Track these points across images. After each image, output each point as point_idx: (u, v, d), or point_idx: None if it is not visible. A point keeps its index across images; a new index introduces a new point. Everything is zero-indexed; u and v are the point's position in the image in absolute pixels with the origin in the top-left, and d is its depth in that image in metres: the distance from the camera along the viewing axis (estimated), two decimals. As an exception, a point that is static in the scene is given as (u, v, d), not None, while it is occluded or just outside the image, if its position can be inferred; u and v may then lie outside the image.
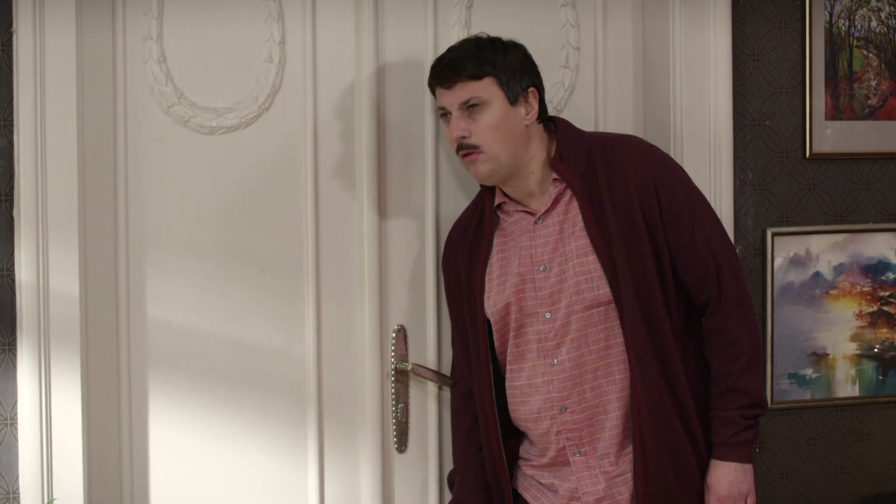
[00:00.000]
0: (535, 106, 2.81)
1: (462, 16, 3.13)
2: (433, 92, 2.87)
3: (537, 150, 2.81)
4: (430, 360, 3.13)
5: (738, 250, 3.20)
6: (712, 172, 3.20)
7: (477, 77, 2.76)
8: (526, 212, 2.84)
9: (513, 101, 2.77)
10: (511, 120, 2.77)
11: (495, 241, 2.88)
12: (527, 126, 2.80)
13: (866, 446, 3.42)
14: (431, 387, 3.13)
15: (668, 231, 2.74)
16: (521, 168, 2.79)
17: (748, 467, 2.76)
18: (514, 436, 2.93)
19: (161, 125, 2.97)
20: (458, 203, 3.08)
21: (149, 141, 2.96)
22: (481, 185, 2.93)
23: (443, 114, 2.83)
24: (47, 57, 2.81)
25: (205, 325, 3.00)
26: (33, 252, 2.80)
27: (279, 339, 3.05)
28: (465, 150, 2.77)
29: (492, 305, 2.84)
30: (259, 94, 3.01)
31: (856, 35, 3.34)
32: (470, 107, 2.76)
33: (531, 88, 2.81)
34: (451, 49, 2.85)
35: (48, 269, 2.81)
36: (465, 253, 2.92)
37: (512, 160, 2.77)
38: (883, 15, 3.36)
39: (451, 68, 2.79)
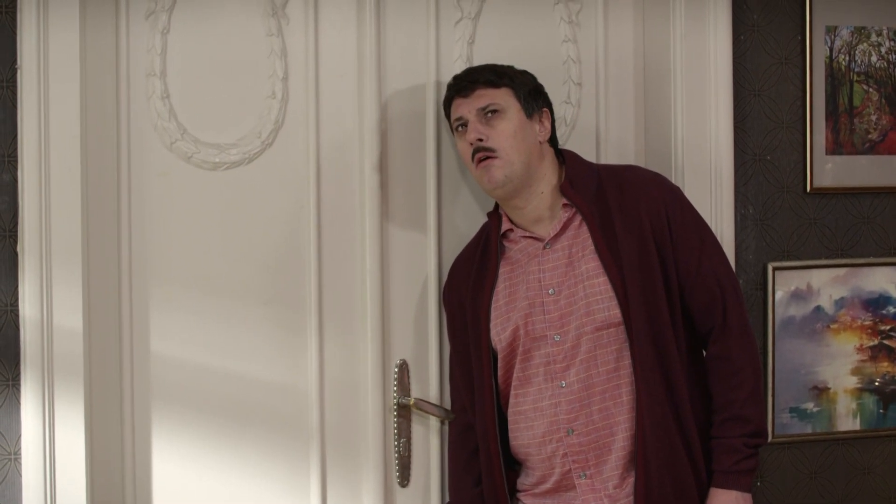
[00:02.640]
0: (549, 127, 2.87)
1: (464, 52, 3.15)
2: (448, 110, 2.91)
3: (548, 171, 2.84)
4: (433, 395, 3.13)
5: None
6: (713, 207, 3.21)
7: (495, 85, 2.82)
8: (533, 238, 2.85)
9: (528, 114, 2.82)
10: (527, 131, 2.81)
11: (501, 270, 2.89)
12: (540, 143, 2.84)
13: (867, 480, 3.41)
14: (434, 421, 3.13)
15: (678, 255, 2.77)
16: (533, 184, 2.81)
17: (748, 497, 2.76)
18: (512, 467, 2.93)
19: (164, 161, 2.98)
20: (461, 239, 3.08)
21: (152, 176, 2.97)
22: (487, 215, 2.95)
23: (458, 126, 2.86)
24: (51, 93, 2.82)
25: (207, 360, 3.01)
26: (37, 287, 2.81)
27: (282, 373, 3.06)
28: (482, 152, 2.79)
29: (499, 332, 2.85)
30: (262, 130, 3.03)
31: (856, 70, 3.35)
32: (487, 113, 2.81)
33: (545, 109, 2.87)
34: (466, 69, 2.93)
35: (52, 305, 2.82)
36: (470, 283, 2.93)
37: (526, 171, 2.79)
38: (883, 50, 3.37)
39: (468, 78, 2.85)
